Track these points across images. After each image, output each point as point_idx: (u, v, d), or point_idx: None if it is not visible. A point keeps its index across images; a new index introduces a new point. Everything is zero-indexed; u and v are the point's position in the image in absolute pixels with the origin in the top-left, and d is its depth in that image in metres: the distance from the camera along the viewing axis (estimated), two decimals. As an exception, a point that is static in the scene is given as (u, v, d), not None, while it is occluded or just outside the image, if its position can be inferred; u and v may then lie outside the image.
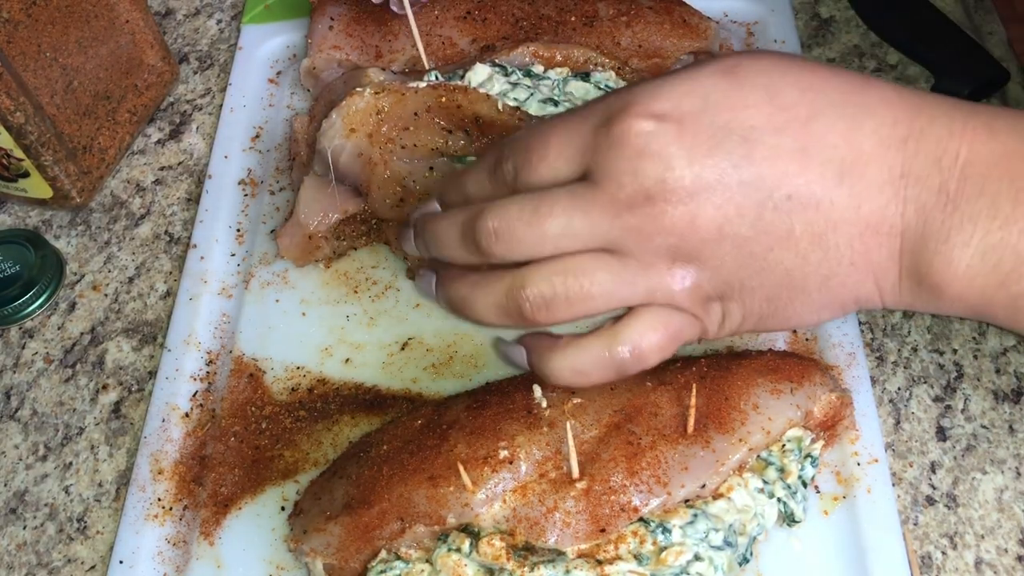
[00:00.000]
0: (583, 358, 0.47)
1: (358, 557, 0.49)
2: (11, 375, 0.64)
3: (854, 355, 0.57)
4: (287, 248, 0.63)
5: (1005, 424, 0.55)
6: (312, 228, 0.62)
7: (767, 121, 0.43)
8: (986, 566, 0.51)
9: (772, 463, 0.50)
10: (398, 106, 0.59)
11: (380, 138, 0.59)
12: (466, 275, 0.49)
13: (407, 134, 0.59)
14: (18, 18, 0.61)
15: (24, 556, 0.56)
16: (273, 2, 0.78)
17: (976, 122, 0.42)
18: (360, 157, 0.59)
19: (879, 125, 0.43)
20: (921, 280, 0.43)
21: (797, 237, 0.43)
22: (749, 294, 0.45)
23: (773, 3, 0.73)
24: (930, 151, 0.42)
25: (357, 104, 0.59)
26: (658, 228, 0.43)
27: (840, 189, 0.42)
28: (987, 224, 0.41)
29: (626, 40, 0.66)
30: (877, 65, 0.71)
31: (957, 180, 0.41)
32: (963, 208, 0.41)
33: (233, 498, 0.56)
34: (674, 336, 0.47)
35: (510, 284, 0.46)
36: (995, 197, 0.40)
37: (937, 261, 0.42)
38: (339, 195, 0.61)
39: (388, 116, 0.59)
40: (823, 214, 0.43)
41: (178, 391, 0.60)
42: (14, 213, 0.71)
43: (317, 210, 0.62)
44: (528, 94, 0.60)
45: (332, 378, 0.60)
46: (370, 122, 0.59)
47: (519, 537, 0.47)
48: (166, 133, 0.74)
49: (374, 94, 0.59)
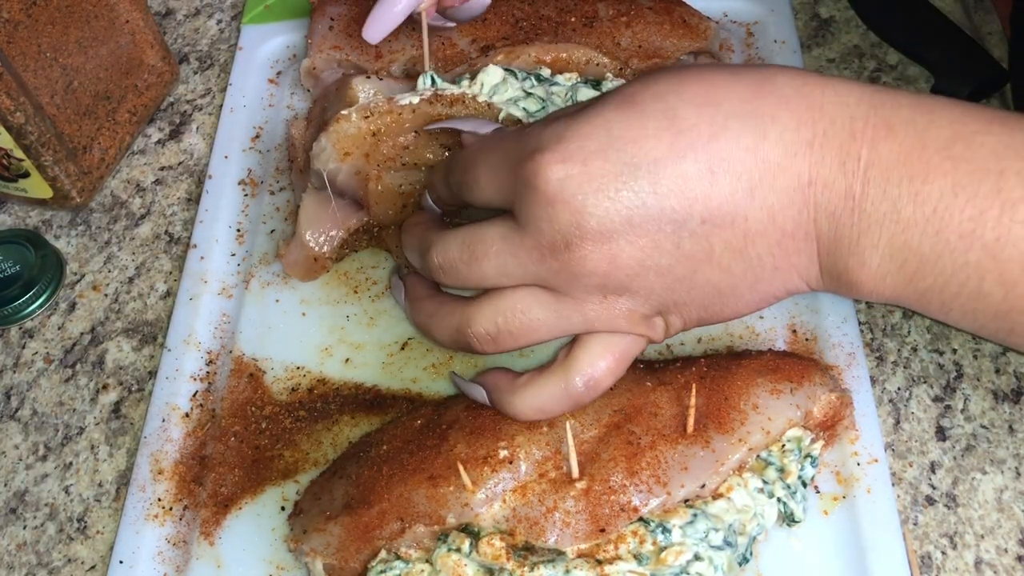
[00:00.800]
0: (542, 397, 0.48)
1: (358, 557, 0.49)
2: (11, 375, 0.64)
3: (854, 355, 0.57)
4: (291, 267, 0.62)
5: (1005, 424, 0.55)
6: (316, 251, 0.62)
7: (669, 149, 0.43)
8: (986, 566, 0.51)
9: (772, 463, 0.50)
10: (395, 126, 0.58)
11: (378, 157, 0.59)
12: (425, 300, 0.53)
13: (407, 152, 0.59)
14: (18, 18, 0.61)
15: (24, 556, 0.56)
16: (273, 2, 0.78)
17: (876, 119, 0.42)
18: (357, 175, 0.59)
19: (783, 131, 0.43)
20: (839, 277, 0.45)
21: (718, 255, 0.44)
22: (684, 307, 0.47)
23: (773, 3, 0.74)
24: (834, 155, 0.42)
25: (346, 129, 0.58)
26: (582, 271, 0.44)
27: (752, 203, 0.43)
28: (891, 227, 0.42)
29: (626, 40, 0.66)
30: (877, 65, 0.71)
31: (861, 183, 0.42)
32: (869, 212, 0.42)
33: (233, 498, 0.56)
34: (622, 357, 0.48)
35: (458, 321, 0.49)
36: (896, 200, 0.41)
37: (851, 262, 0.43)
38: (340, 211, 0.61)
39: (385, 136, 0.58)
40: (739, 230, 0.44)
41: (178, 391, 0.60)
42: (14, 213, 0.71)
43: (320, 231, 0.62)
44: (540, 106, 0.59)
45: (332, 378, 0.60)
46: (366, 144, 0.59)
47: (519, 537, 0.47)
48: (166, 133, 0.74)
49: (363, 118, 0.58)
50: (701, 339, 0.59)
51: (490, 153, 0.48)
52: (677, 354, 0.58)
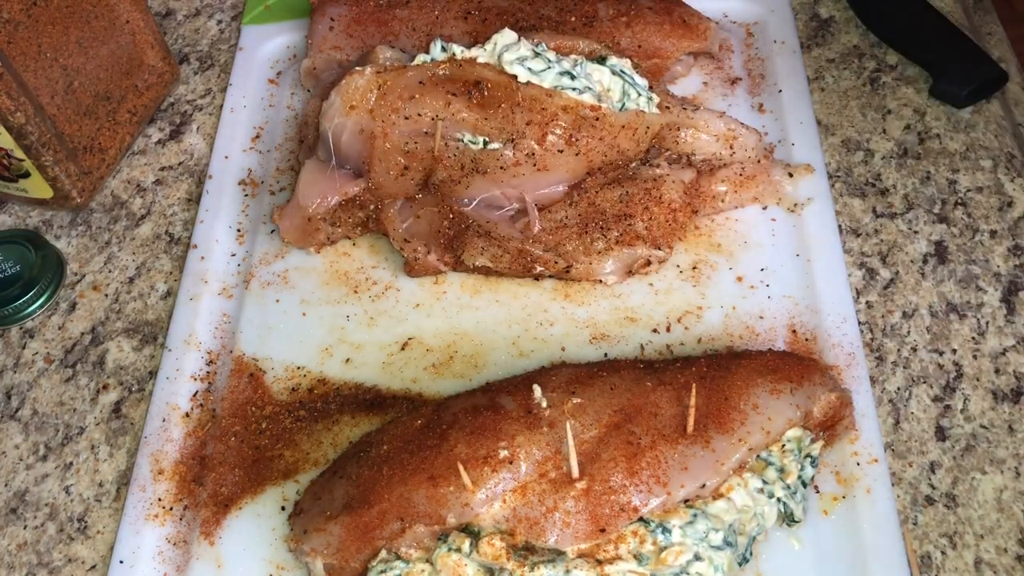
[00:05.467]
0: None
1: (358, 557, 0.49)
2: (11, 375, 0.64)
3: (854, 355, 0.57)
4: (286, 230, 0.63)
5: (1004, 424, 0.55)
6: (311, 211, 0.62)
7: None
8: (985, 566, 0.51)
9: (772, 463, 0.50)
10: (401, 78, 0.59)
11: (383, 110, 0.59)
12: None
13: (412, 103, 0.59)
14: (18, 18, 0.61)
15: (25, 556, 0.56)
16: (273, 3, 0.78)
17: None
18: (361, 134, 0.59)
19: None
20: None
21: None
22: None
23: (773, 3, 0.74)
24: None
25: (357, 82, 0.59)
26: None
27: None
28: None
29: (626, 40, 0.66)
30: (877, 65, 0.71)
31: None
32: None
33: (233, 498, 0.56)
34: None
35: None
36: None
37: None
38: (338, 178, 0.61)
39: (391, 88, 0.59)
40: None
41: (178, 391, 0.60)
42: (15, 213, 0.71)
43: (316, 192, 0.62)
44: (546, 65, 0.60)
45: (332, 378, 0.60)
46: (370, 97, 0.59)
47: (519, 537, 0.47)
48: (166, 133, 0.74)
49: (375, 73, 0.59)
50: (701, 339, 0.59)
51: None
52: (677, 354, 0.58)
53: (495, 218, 0.61)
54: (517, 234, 0.60)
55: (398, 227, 0.62)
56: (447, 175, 0.60)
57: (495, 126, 0.58)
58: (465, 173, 0.60)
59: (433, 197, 0.61)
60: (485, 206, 0.61)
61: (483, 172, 0.59)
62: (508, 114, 0.58)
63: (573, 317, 0.60)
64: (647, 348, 0.59)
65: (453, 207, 0.61)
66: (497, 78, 0.58)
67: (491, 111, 0.58)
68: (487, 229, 0.61)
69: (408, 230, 0.62)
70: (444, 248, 0.61)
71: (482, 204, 0.61)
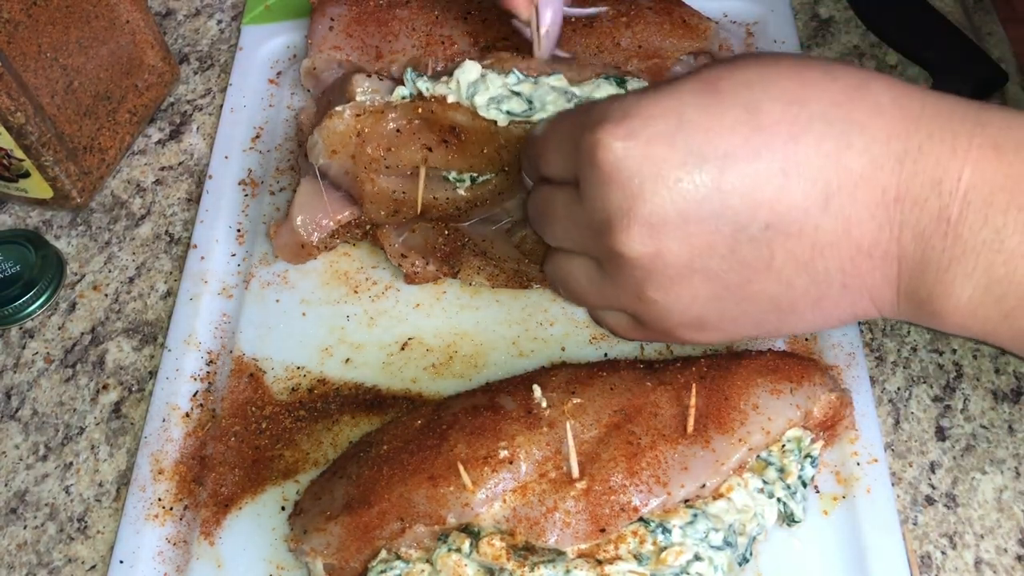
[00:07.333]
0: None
1: (358, 557, 0.49)
2: (11, 375, 0.64)
3: (854, 355, 0.57)
4: (281, 249, 0.63)
5: (1004, 424, 0.55)
6: (305, 238, 0.62)
7: (743, 144, 0.39)
8: (985, 566, 0.51)
9: (772, 463, 0.50)
10: (378, 126, 0.59)
11: (364, 158, 0.59)
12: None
13: (390, 154, 0.59)
14: (18, 18, 0.61)
15: (24, 556, 0.56)
16: (273, 2, 0.78)
17: (982, 138, 0.38)
18: (347, 175, 0.60)
19: (871, 142, 0.39)
20: (920, 305, 0.41)
21: (779, 266, 0.41)
22: (731, 323, 0.44)
23: (773, 3, 0.74)
24: (929, 172, 0.38)
25: (336, 127, 0.59)
26: (625, 259, 0.42)
27: (826, 213, 0.39)
28: (990, 257, 0.38)
29: (626, 40, 0.66)
30: (877, 65, 0.71)
31: (959, 206, 0.38)
32: (965, 237, 0.38)
33: (233, 498, 0.56)
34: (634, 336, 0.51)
35: (545, 257, 0.53)
36: (1000, 228, 0.37)
37: (937, 290, 0.40)
38: (332, 204, 0.62)
39: (369, 137, 0.59)
40: (807, 240, 0.40)
41: (178, 391, 0.60)
42: (14, 213, 0.72)
43: (311, 219, 0.62)
44: (526, 107, 0.58)
45: (332, 378, 0.60)
46: (351, 144, 0.59)
47: (519, 537, 0.47)
48: (166, 133, 0.74)
49: (354, 116, 0.59)
50: (701, 339, 0.59)
51: (558, 124, 0.46)
52: (677, 354, 0.58)
53: (491, 235, 0.62)
54: (514, 252, 0.61)
55: (394, 242, 0.62)
56: (442, 214, 0.61)
57: (481, 164, 0.59)
58: (461, 212, 0.61)
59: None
60: (480, 221, 0.62)
61: (480, 205, 0.60)
62: (493, 155, 0.58)
63: (573, 317, 0.60)
64: (647, 348, 0.59)
65: (448, 223, 0.62)
66: (472, 124, 0.58)
67: (474, 158, 0.59)
68: (483, 248, 0.61)
69: (404, 244, 0.62)
70: (441, 261, 0.62)
71: (478, 220, 0.62)
